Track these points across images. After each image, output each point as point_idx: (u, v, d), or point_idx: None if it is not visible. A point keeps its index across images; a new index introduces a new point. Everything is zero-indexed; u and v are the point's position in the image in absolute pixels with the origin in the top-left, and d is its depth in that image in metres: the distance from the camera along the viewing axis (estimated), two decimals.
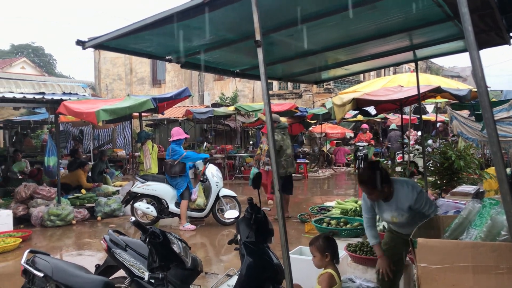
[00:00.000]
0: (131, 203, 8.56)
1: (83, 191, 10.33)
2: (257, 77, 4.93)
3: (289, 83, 24.58)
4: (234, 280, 3.37)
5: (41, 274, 3.27)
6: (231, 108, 16.44)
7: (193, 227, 8.32)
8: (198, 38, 3.74)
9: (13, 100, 8.27)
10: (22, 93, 9.28)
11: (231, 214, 3.84)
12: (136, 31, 3.17)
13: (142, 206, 8.48)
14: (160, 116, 17.12)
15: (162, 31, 3.33)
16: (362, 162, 15.22)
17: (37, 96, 8.80)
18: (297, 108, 15.55)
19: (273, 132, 2.65)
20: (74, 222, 8.89)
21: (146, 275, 2.94)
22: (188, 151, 9.45)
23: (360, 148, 15.40)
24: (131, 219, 3.02)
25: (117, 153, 17.86)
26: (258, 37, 2.58)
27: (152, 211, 8.43)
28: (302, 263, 4.09)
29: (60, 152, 10.01)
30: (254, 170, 8.81)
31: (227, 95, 26.27)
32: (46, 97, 8.95)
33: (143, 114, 10.14)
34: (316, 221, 5.60)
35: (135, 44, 3.76)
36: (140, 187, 8.52)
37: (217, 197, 8.51)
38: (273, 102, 19.75)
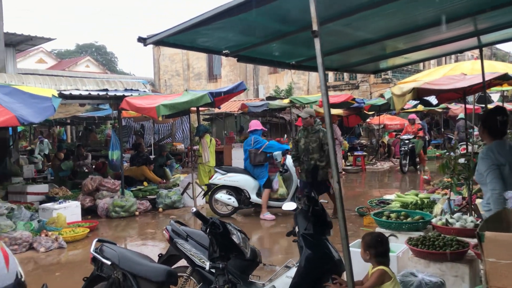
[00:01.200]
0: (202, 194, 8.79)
1: (145, 183, 10.71)
2: (313, 68, 4.88)
3: (345, 74, 24.15)
4: (292, 271, 3.38)
5: (108, 262, 3.43)
6: (286, 101, 16.40)
7: (273, 216, 8.50)
8: (254, 31, 3.75)
9: (80, 97, 8.70)
10: (87, 90, 9.77)
11: (288, 206, 3.84)
12: (194, 26, 3.24)
13: (223, 197, 8.79)
14: (216, 110, 17.39)
15: (220, 25, 3.38)
16: (408, 157, 14.07)
17: (101, 93, 9.23)
18: (353, 99, 15.24)
19: (331, 125, 2.62)
20: (137, 213, 9.26)
21: (207, 265, 3.01)
22: (271, 140, 9.74)
23: (405, 141, 14.16)
24: (192, 209, 3.10)
25: (176, 146, 18.36)
26: (315, 27, 2.56)
27: (234, 201, 8.73)
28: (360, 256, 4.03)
29: (123, 146, 10.41)
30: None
31: (281, 88, 26.24)
32: (110, 93, 9.37)
33: (200, 108, 10.32)
34: (376, 214, 5.49)
35: (193, 40, 3.83)
36: (221, 178, 8.83)
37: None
38: (329, 94, 19.50)
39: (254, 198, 8.75)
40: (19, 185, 10.02)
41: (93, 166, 12.63)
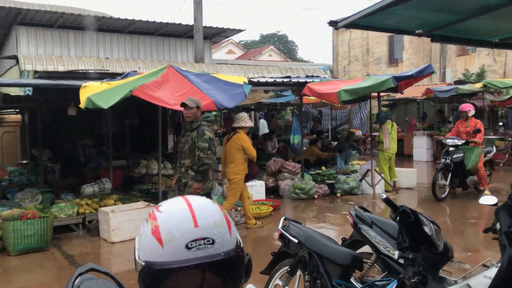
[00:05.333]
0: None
1: (323, 168, 10.89)
2: None
3: None
4: (492, 272, 3.06)
5: (295, 240, 3.58)
6: (479, 85, 14.81)
7: None
8: (452, 8, 3.46)
9: (266, 83, 9.21)
10: (272, 77, 10.31)
11: (487, 200, 3.48)
12: (388, 6, 3.12)
13: None
14: (397, 95, 16.66)
15: (414, 4, 3.20)
16: (450, 174, 8.72)
17: (285, 80, 9.64)
18: None
19: None
20: (315, 196, 9.49)
21: (395, 254, 2.91)
22: None
23: (450, 148, 8.84)
24: (382, 196, 3.03)
25: (354, 133, 18.21)
26: None
27: None
28: None
29: (302, 131, 10.74)
30: None
31: (471, 71, 23.79)
32: (292, 80, 9.72)
33: (380, 94, 10.03)
34: None
35: (384, 21, 3.72)
36: None
37: None
38: None
39: None
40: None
41: (275, 150, 13.34)
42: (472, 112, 9.11)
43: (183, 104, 5.73)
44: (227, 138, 7.26)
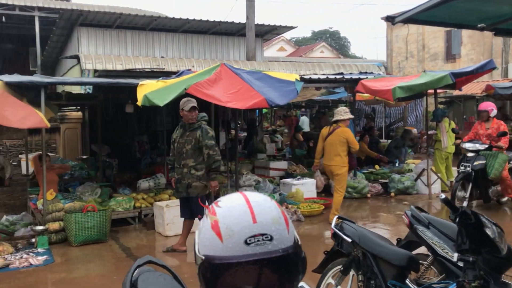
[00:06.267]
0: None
1: (377, 166, 10.67)
2: None
3: None
4: None
5: (349, 240, 3.53)
6: None
7: None
8: None
9: (318, 80, 9.14)
10: (324, 74, 10.21)
11: None
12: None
13: None
14: (455, 92, 16.05)
15: None
16: (470, 184, 7.44)
17: (337, 77, 9.51)
18: None
19: None
20: (369, 195, 9.31)
21: (454, 256, 2.81)
22: None
23: (469, 154, 7.55)
24: (441, 196, 2.93)
25: (410, 131, 17.70)
26: None
27: None
28: None
29: (355, 129, 10.55)
30: None
31: None
32: (346, 76, 9.58)
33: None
34: None
35: (443, 14, 3.58)
36: None
37: None
38: None
39: None
40: (263, 161, 11.22)
41: None
42: (494, 112, 8.00)
43: (193, 107, 5.72)
44: (328, 132, 7.30)
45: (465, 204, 7.26)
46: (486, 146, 7.47)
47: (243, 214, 1.08)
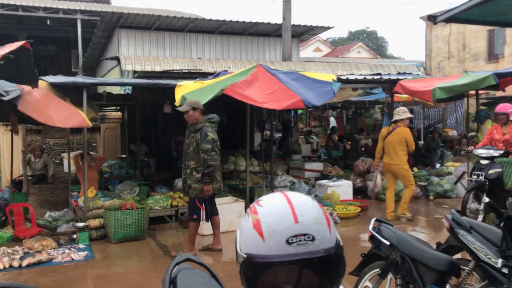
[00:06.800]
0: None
1: (415, 169, 10.44)
2: None
3: None
4: None
5: (387, 243, 3.47)
6: None
7: None
8: None
9: (355, 81, 9.03)
10: (361, 74, 10.08)
11: None
12: None
13: None
14: (497, 93, 15.52)
15: None
16: (484, 195, 6.20)
17: (375, 77, 9.37)
18: None
19: None
20: None
21: (498, 262, 2.73)
22: None
23: (483, 161, 6.68)
24: (485, 199, 2.84)
25: (448, 133, 17.24)
26: None
27: None
28: None
29: None
30: None
31: None
32: (384, 77, 9.43)
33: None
34: None
35: (487, 13, 3.47)
36: None
37: None
38: None
39: None
40: (298, 161, 11.18)
41: (363, 149, 13.05)
42: None
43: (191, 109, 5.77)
44: (388, 132, 7.48)
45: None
46: (502, 152, 6.67)
47: (284, 214, 1.08)
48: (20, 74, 5.55)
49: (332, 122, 19.08)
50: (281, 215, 1.08)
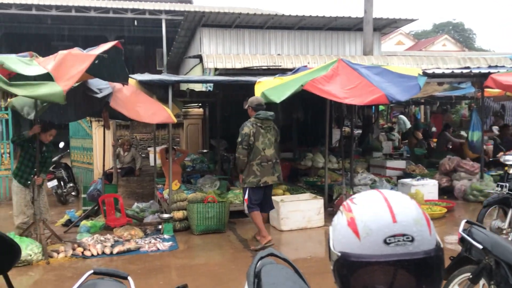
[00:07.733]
0: None
1: (506, 168, 9.71)
2: None
3: None
4: None
5: (480, 246, 3.26)
6: None
7: None
8: None
9: (442, 75, 8.57)
10: (448, 68, 9.55)
11: None
12: None
13: None
14: None
15: None
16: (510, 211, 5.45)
17: (464, 71, 8.83)
18: None
19: None
20: None
21: None
22: None
23: (511, 171, 5.70)
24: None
25: None
26: None
27: None
28: None
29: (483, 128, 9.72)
30: None
31: None
32: (473, 71, 8.86)
33: None
34: None
35: None
36: None
37: None
38: None
39: None
40: (379, 159, 10.86)
41: (450, 147, 12.40)
42: None
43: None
44: None
45: (509, 238, 5.43)
46: None
47: (381, 213, 1.05)
48: (112, 72, 5.92)
49: (403, 120, 18.07)
50: (378, 213, 1.05)
